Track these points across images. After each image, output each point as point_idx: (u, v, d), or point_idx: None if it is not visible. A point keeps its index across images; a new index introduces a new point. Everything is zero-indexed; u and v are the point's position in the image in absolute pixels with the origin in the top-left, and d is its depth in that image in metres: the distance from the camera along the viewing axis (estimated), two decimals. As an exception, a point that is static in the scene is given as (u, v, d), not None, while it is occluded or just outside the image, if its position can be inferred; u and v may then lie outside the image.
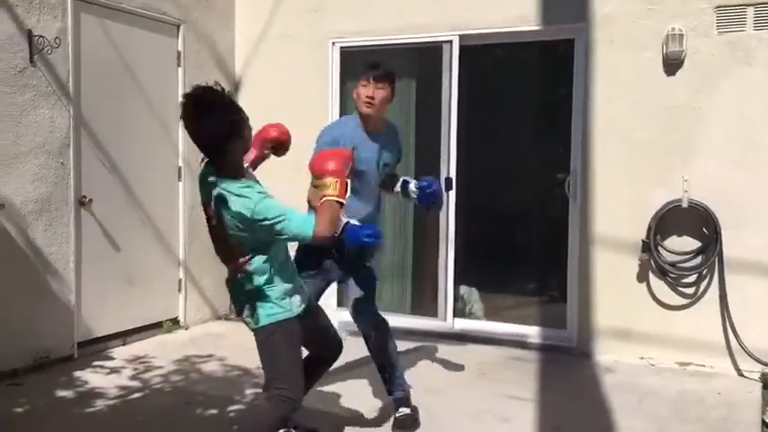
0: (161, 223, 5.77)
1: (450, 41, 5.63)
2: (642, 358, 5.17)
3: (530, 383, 4.69)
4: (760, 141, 4.82)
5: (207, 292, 6.21)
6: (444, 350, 5.38)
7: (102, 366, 4.89)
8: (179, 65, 5.86)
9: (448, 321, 5.77)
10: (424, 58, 5.89)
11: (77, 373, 4.70)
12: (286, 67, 6.18)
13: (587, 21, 5.21)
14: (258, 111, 6.43)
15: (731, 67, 4.87)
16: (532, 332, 5.63)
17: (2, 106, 4.48)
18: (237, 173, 2.92)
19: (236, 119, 2.95)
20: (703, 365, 4.98)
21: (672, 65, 4.99)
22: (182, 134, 5.87)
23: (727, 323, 4.90)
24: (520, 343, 5.53)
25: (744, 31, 4.82)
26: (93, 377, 4.65)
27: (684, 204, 4.92)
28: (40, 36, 4.67)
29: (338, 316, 5.15)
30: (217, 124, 2.84)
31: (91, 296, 5.15)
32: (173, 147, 5.85)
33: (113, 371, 4.80)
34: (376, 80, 3.74)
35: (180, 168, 5.91)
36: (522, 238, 7.31)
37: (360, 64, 5.97)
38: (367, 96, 3.72)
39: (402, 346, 5.47)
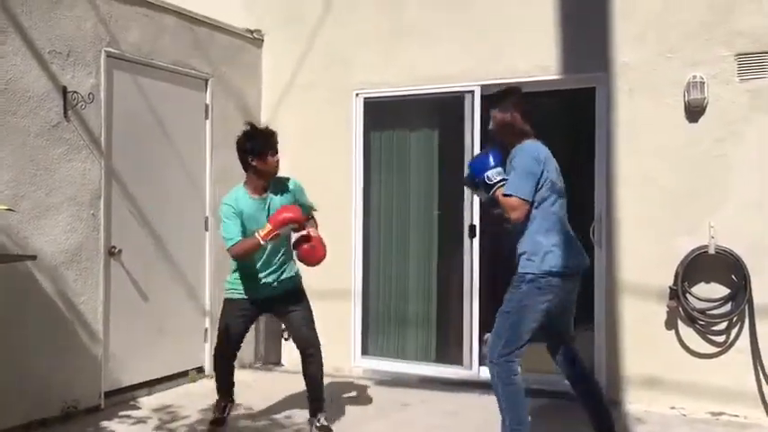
0: (188, 273, 5.83)
1: (472, 91, 5.71)
2: (673, 408, 5.07)
3: (558, 434, 4.61)
4: (786, 187, 4.79)
5: (232, 341, 6.22)
6: (469, 399, 5.32)
7: (128, 416, 4.90)
8: (207, 117, 6.00)
9: (474, 369, 5.72)
10: (447, 107, 5.98)
11: (104, 423, 4.71)
12: (311, 117, 6.31)
13: (607, 69, 5.27)
14: (284, 161, 6.57)
15: (753, 114, 4.88)
16: (559, 380, 5.54)
17: (36, 159, 4.62)
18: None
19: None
20: (737, 415, 4.86)
21: (694, 112, 5.02)
22: (209, 185, 5.99)
23: (760, 371, 4.81)
24: (547, 392, 5.44)
25: (765, 78, 4.84)
26: (119, 427, 4.66)
27: (711, 251, 4.88)
28: (74, 92, 4.83)
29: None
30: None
31: (118, 346, 5.20)
32: (200, 197, 5.96)
33: (140, 421, 4.81)
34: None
35: (207, 219, 6.00)
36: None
37: (384, 114, 6.12)
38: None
39: (426, 394, 5.44)
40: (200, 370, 5.93)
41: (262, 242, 4.11)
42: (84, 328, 4.91)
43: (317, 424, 4.43)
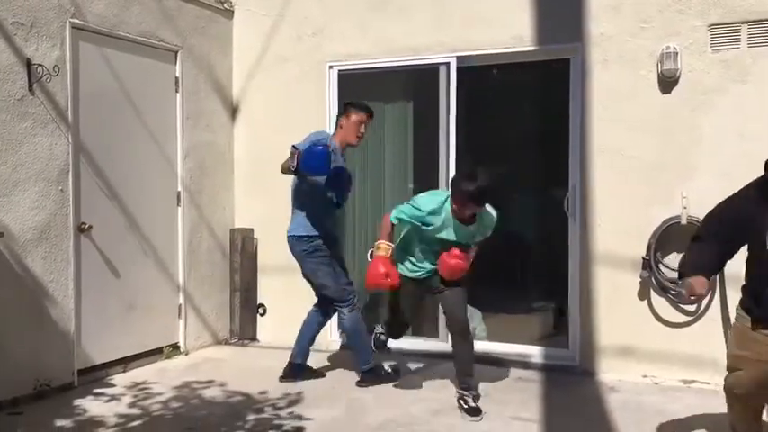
0: (160, 249, 5.76)
1: (448, 63, 5.66)
2: (646, 376, 5.14)
3: (534, 404, 4.65)
4: (756, 157, 4.79)
5: (207, 317, 6.19)
6: (446, 371, 5.35)
7: (102, 394, 4.85)
8: (177, 90, 5.89)
9: (449, 342, 5.73)
10: (422, 79, 5.92)
11: (77, 401, 4.66)
12: (283, 90, 6.22)
13: (582, 40, 5.25)
14: (256, 134, 6.51)
15: (726, 84, 4.90)
16: (535, 352, 5.60)
17: (1, 134, 4.49)
18: None
19: None
20: (708, 383, 4.94)
21: (667, 83, 5.03)
22: (180, 160, 5.90)
23: (730, 340, 4.88)
24: (523, 363, 5.50)
25: (738, 48, 4.86)
26: (92, 405, 4.61)
27: (684, 221, 4.92)
28: (39, 65, 4.70)
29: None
30: None
31: (91, 323, 5.13)
32: (172, 172, 5.87)
33: (113, 398, 4.76)
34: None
35: (179, 194, 5.92)
36: (524, 258, 7.31)
37: (358, 87, 6.05)
38: (362, 132, 4.99)
39: (404, 367, 5.46)
40: (174, 347, 5.89)
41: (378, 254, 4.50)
42: (55, 305, 4.84)
43: (465, 406, 4.46)
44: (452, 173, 5.64)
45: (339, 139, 4.95)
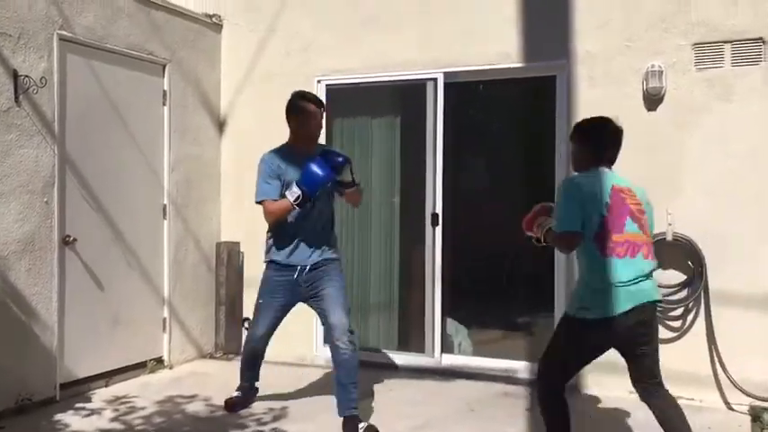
0: (146, 262, 5.72)
1: (435, 79, 5.70)
2: (631, 392, 5.09)
3: (519, 419, 4.65)
4: (740, 175, 4.88)
5: (192, 331, 6.15)
6: (432, 386, 5.34)
7: (83, 408, 4.80)
8: (164, 104, 5.88)
9: (435, 357, 5.74)
10: (410, 94, 5.95)
11: (59, 416, 4.61)
12: (271, 104, 6.19)
13: (569, 58, 5.30)
14: (243, 148, 6.50)
15: (710, 102, 4.95)
16: (521, 367, 5.60)
17: (-14, 146, 4.47)
18: None
19: None
20: (692, 399, 4.95)
21: (652, 101, 5.08)
22: (167, 173, 5.88)
23: (715, 356, 4.91)
24: (508, 378, 5.49)
25: (722, 67, 4.91)
26: (74, 420, 4.56)
27: (669, 238, 4.96)
28: (26, 76, 4.68)
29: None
30: None
31: (74, 337, 5.08)
32: (158, 185, 5.85)
33: (95, 413, 4.71)
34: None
35: (165, 206, 5.89)
36: (510, 273, 7.32)
37: (346, 101, 6.07)
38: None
39: (390, 382, 5.44)
40: (159, 360, 5.84)
41: None
42: (38, 319, 4.79)
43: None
44: (440, 185, 5.67)
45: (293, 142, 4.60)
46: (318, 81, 6.08)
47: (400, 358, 5.84)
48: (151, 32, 5.70)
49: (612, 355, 5.15)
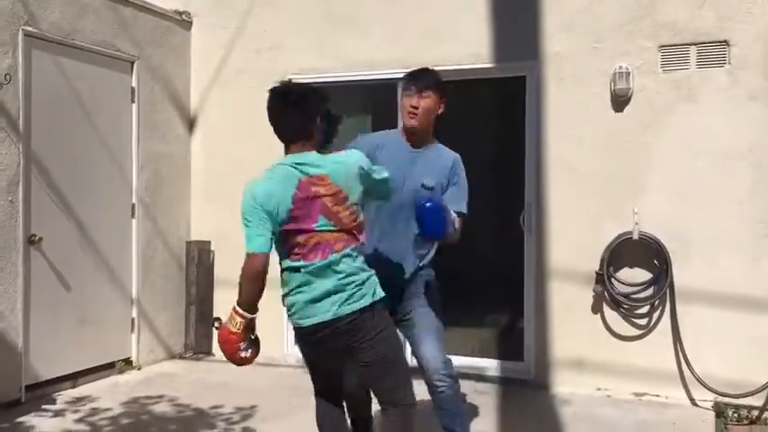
0: (114, 261, 5.66)
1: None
2: (599, 389, 5.21)
3: (488, 416, 4.68)
4: (704, 175, 4.97)
5: (161, 331, 6.09)
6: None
7: (49, 410, 4.73)
8: (133, 101, 5.81)
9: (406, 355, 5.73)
10: (380, 94, 5.95)
11: (23, 418, 4.54)
12: (241, 102, 6.18)
13: (538, 58, 5.34)
14: (213, 146, 6.46)
15: (676, 103, 5.03)
16: (490, 365, 5.64)
17: (-52, 143, 4.39)
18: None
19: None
20: (658, 395, 5.04)
21: (620, 102, 5.14)
22: (135, 171, 5.82)
23: (680, 353, 4.99)
24: (478, 376, 5.52)
25: (688, 69, 4.99)
26: (39, 421, 4.50)
27: (635, 236, 5.02)
28: (-10, 72, 4.60)
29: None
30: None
31: (40, 337, 5.01)
32: (126, 184, 5.78)
33: (59, 414, 4.65)
34: (420, 89, 3.38)
35: (133, 206, 5.83)
36: (480, 271, 7.35)
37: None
38: (411, 106, 3.38)
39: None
40: (127, 361, 5.78)
41: None
42: (3, 319, 4.71)
43: None
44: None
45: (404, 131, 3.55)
46: (290, 80, 6.04)
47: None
48: (119, 29, 5.64)
49: (580, 353, 5.24)
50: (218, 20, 6.30)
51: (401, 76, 5.67)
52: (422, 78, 3.44)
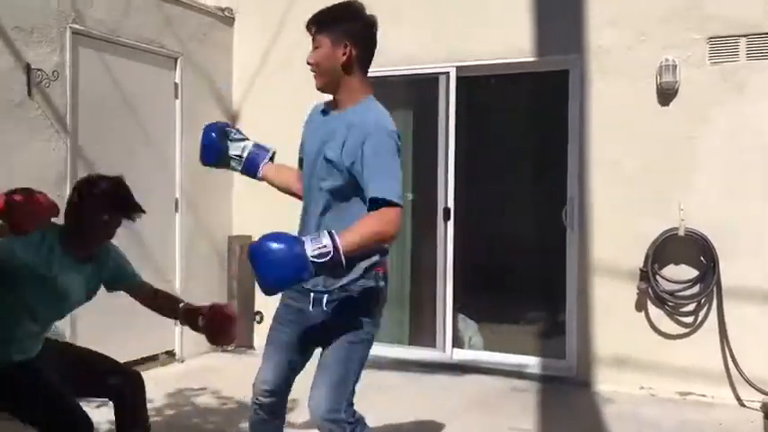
0: (158, 255, 5.74)
1: (447, 73, 5.68)
2: (642, 388, 5.13)
3: (530, 414, 4.64)
4: (753, 170, 4.85)
5: (203, 324, 6.16)
6: (443, 381, 5.34)
7: (93, 400, 4.82)
8: (177, 97, 5.89)
9: (447, 352, 5.74)
10: (422, 88, 5.93)
11: (72, 408, 4.63)
12: (284, 96, 6.22)
13: (581, 52, 5.27)
14: (256, 140, 6.48)
15: (724, 96, 4.91)
16: (532, 362, 5.59)
17: (-1, 139, 4.50)
18: None
19: None
20: (704, 395, 4.94)
21: (666, 95, 5.04)
22: (178, 166, 5.90)
23: (727, 352, 4.88)
24: (519, 373, 5.49)
25: (737, 61, 4.87)
26: (87, 411, 4.58)
27: (681, 233, 4.93)
28: (39, 69, 4.70)
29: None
30: None
31: (87, 330, 5.10)
32: (170, 178, 5.86)
33: (104, 404, 4.73)
34: (312, 37, 2.64)
35: (177, 200, 5.91)
36: (521, 268, 7.29)
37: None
38: (307, 63, 2.66)
39: (400, 376, 5.44)
40: (170, 354, 5.87)
41: None
42: (51, 311, 4.82)
43: None
44: (452, 180, 5.65)
45: None
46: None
47: (411, 353, 5.84)
48: (163, 26, 5.71)
49: (623, 350, 5.16)
50: (261, 14, 6.35)
51: (444, 70, 5.73)
52: (311, 22, 2.64)
